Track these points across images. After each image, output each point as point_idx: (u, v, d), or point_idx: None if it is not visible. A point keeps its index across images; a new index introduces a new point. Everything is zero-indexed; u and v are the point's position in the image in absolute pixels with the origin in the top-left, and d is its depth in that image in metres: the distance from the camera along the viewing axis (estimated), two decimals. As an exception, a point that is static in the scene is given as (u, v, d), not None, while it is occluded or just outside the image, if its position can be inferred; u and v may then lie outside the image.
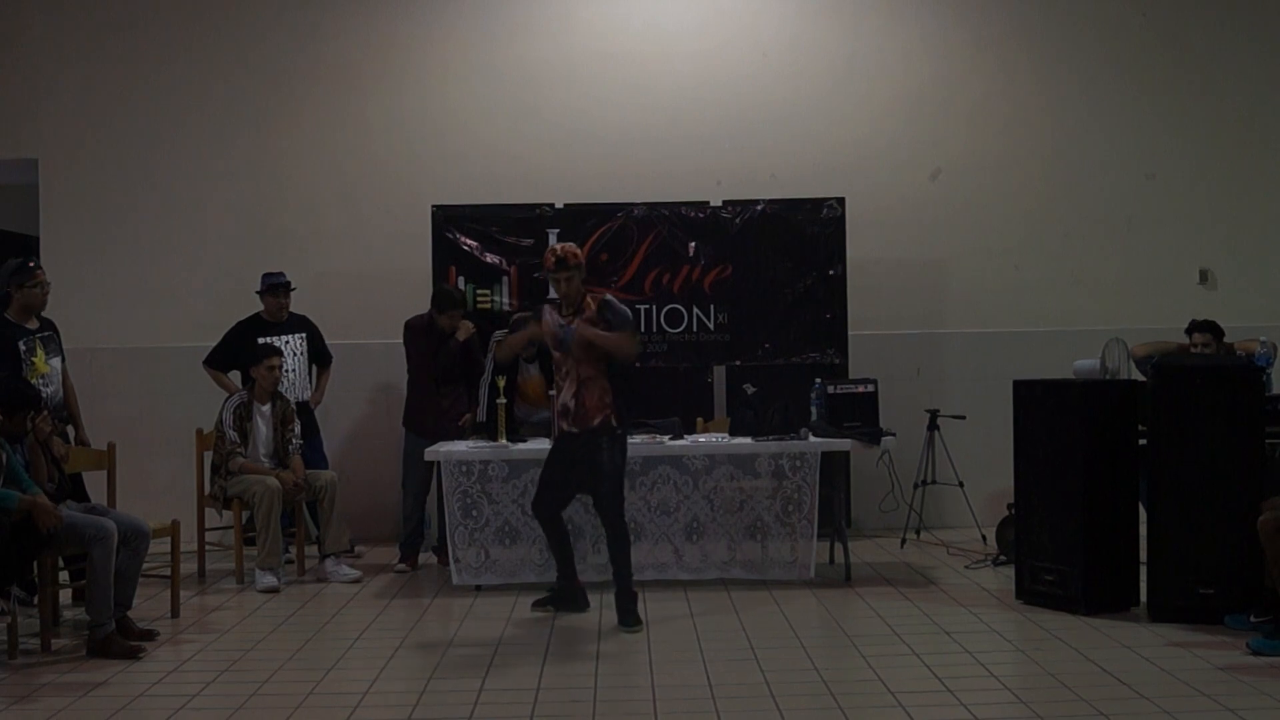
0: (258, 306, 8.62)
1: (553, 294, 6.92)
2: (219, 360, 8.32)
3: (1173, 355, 7.38)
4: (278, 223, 9.41)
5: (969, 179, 9.52)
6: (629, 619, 6.38)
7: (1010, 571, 7.06)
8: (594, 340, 6.36)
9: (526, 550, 7.29)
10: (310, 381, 8.54)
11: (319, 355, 8.61)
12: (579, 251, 6.51)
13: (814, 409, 7.68)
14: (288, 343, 8.41)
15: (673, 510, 7.28)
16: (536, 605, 6.70)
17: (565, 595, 6.72)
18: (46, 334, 7.25)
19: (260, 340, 8.20)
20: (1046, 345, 8.96)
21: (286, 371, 8.32)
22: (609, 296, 6.65)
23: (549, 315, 6.60)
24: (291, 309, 8.51)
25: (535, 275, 8.76)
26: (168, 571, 6.85)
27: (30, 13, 9.48)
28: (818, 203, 8.87)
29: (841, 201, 8.86)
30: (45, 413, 6.46)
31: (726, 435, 7.55)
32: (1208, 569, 6.14)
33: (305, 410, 8.45)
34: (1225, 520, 6.09)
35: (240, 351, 8.20)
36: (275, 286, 8.41)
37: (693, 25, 9.55)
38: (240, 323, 8.41)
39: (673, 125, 9.39)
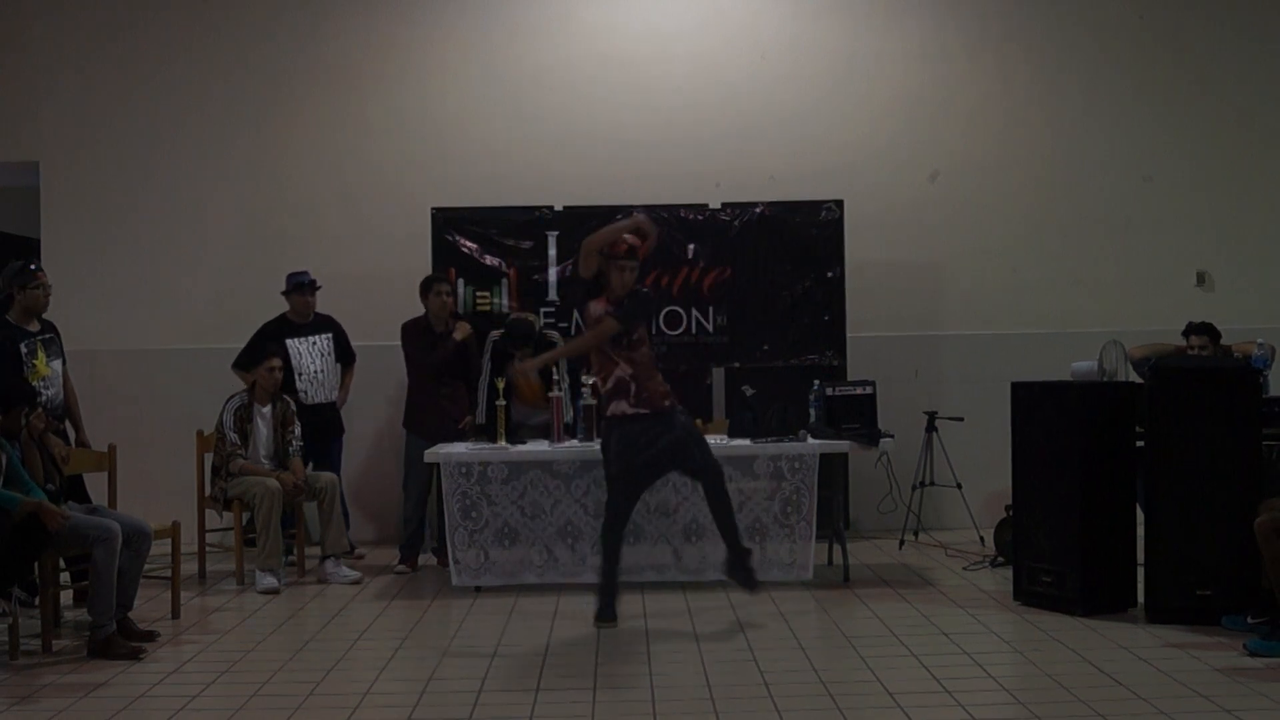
0: (255, 306, 8.65)
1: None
2: (247, 362, 8.25)
3: (1170, 357, 7.40)
4: (277, 224, 9.43)
5: (967, 181, 9.54)
6: (754, 581, 6.58)
7: (1008, 573, 7.08)
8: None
9: (526, 551, 7.31)
10: (337, 381, 8.58)
11: (343, 354, 8.65)
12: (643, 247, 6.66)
13: (812, 410, 7.70)
14: (315, 343, 8.45)
15: (672, 511, 7.29)
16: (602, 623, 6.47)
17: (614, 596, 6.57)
18: (48, 336, 7.27)
19: (288, 341, 8.25)
20: (1044, 347, 8.97)
21: (315, 372, 8.37)
22: (643, 290, 6.73)
23: (591, 305, 6.63)
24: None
25: (534, 277, 8.80)
26: (168, 573, 6.87)
27: (30, 15, 9.50)
28: (816, 205, 8.89)
29: (840, 204, 8.88)
30: (40, 409, 6.49)
31: (725, 437, 7.56)
32: (1205, 570, 6.15)
33: (332, 410, 8.53)
34: (1222, 522, 6.11)
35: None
36: (302, 285, 8.44)
37: (691, 27, 9.57)
38: (267, 324, 8.43)
39: (672, 127, 9.41)
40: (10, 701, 5.30)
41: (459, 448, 7.47)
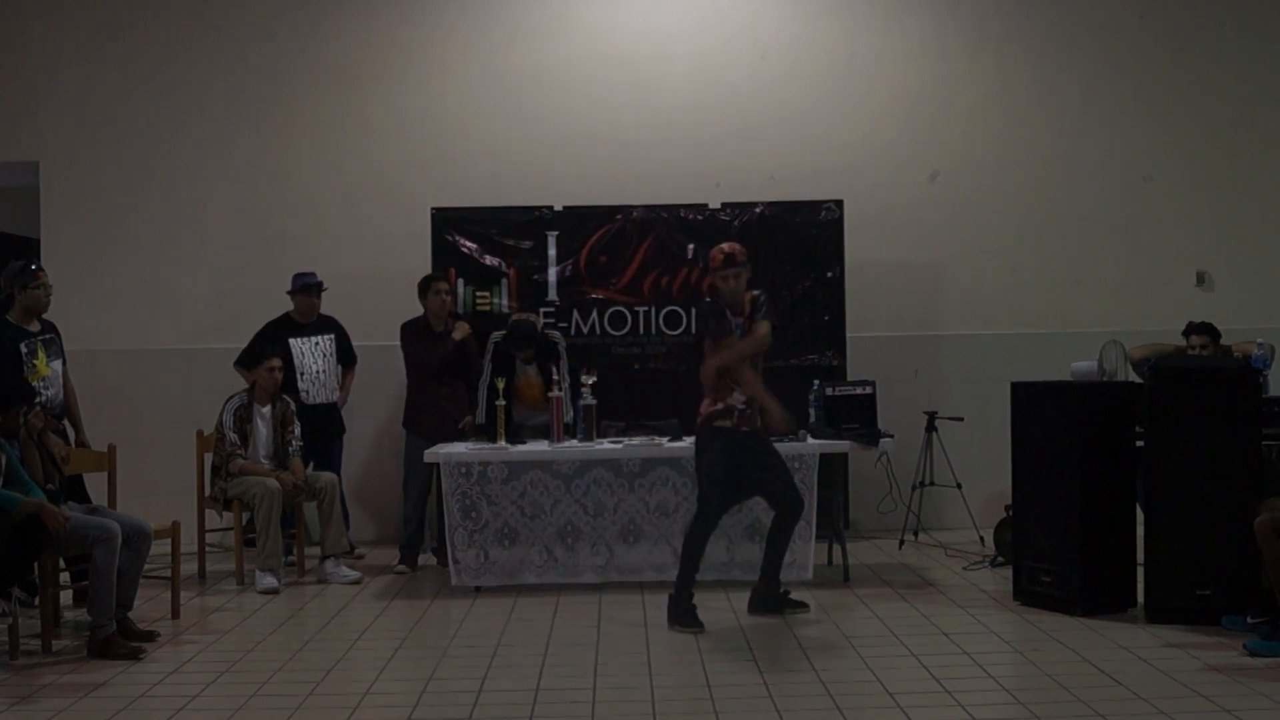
0: (255, 306, 8.66)
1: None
2: (250, 361, 8.20)
3: (1170, 357, 7.39)
4: (277, 224, 9.43)
5: (967, 181, 9.54)
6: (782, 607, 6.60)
7: (1008, 573, 7.08)
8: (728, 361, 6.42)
9: (525, 551, 7.32)
10: (338, 382, 8.57)
11: (345, 355, 8.64)
12: (744, 250, 6.57)
13: (812, 410, 7.70)
14: (317, 343, 8.45)
15: (671, 512, 7.29)
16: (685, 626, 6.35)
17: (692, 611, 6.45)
18: (48, 336, 7.27)
19: (290, 340, 8.26)
20: (1044, 347, 8.98)
21: (317, 373, 8.37)
22: (760, 293, 6.59)
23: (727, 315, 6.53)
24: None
25: (534, 277, 8.80)
26: (168, 573, 6.87)
27: (30, 15, 9.50)
28: (816, 205, 8.89)
29: (840, 203, 8.88)
30: (38, 409, 6.49)
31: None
32: (1205, 570, 6.16)
33: (333, 411, 8.52)
34: (1222, 521, 6.11)
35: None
36: (308, 287, 8.44)
37: (692, 27, 9.57)
38: (270, 323, 8.43)
39: (671, 127, 9.41)
40: (10, 701, 5.30)
41: (459, 448, 7.48)
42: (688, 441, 7.38)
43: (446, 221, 8.84)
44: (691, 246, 8.80)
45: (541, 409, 7.80)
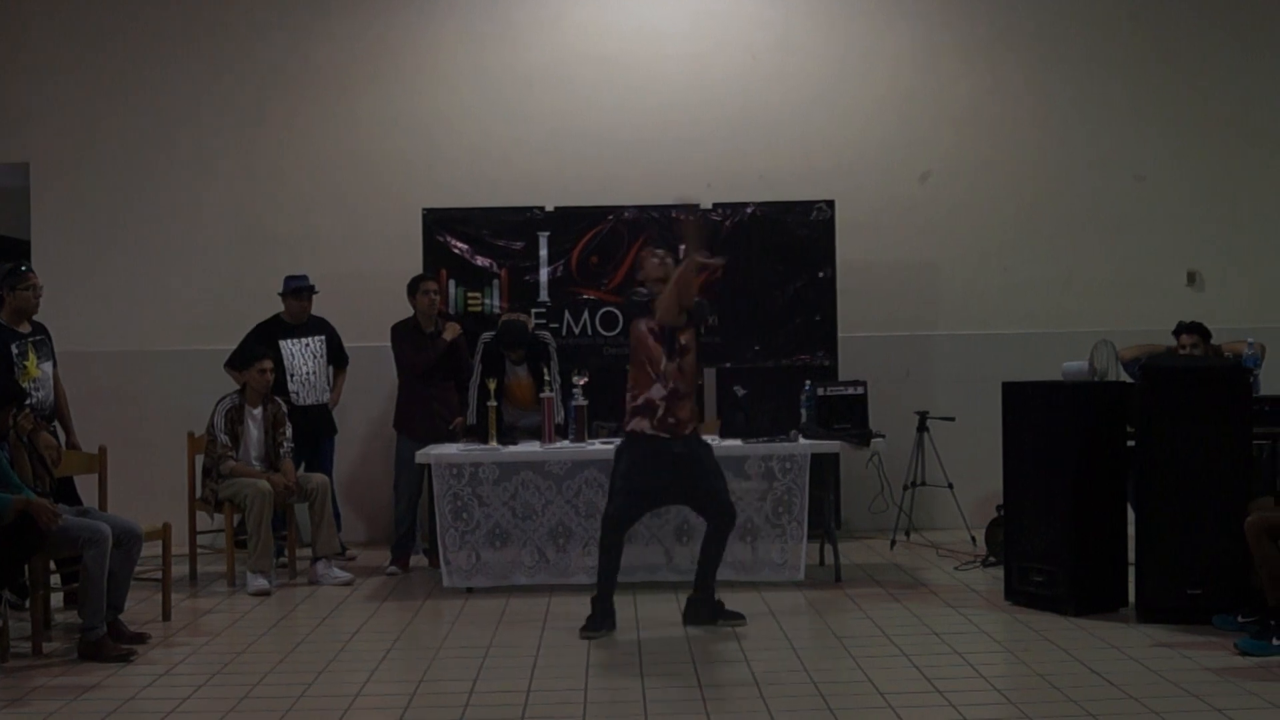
0: (247, 307, 8.64)
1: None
2: (240, 362, 8.14)
3: (1161, 357, 7.41)
4: (269, 226, 9.41)
5: (958, 181, 9.55)
6: (714, 619, 6.41)
7: (999, 573, 7.09)
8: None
9: (517, 552, 7.31)
10: (329, 383, 8.56)
11: (336, 356, 8.64)
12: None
13: (804, 411, 7.70)
14: (308, 345, 8.45)
15: (663, 512, 7.27)
16: (589, 634, 6.24)
17: (608, 613, 6.34)
18: (38, 338, 7.25)
19: (281, 342, 8.24)
20: (1035, 347, 9.00)
21: (307, 374, 8.37)
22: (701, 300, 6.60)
23: (640, 321, 6.38)
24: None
25: (526, 278, 8.79)
26: (159, 574, 6.86)
27: (23, 17, 9.47)
28: (808, 205, 8.90)
29: (831, 204, 8.89)
30: (27, 410, 6.48)
31: (717, 437, 7.54)
32: (1196, 570, 6.16)
33: (324, 411, 8.52)
34: (1213, 521, 6.12)
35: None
36: (299, 290, 8.43)
37: (683, 28, 9.57)
38: (260, 324, 8.42)
39: (663, 128, 9.41)
40: (1, 704, 5.28)
41: (450, 449, 7.47)
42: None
43: (438, 222, 8.84)
44: (683, 247, 8.77)
45: (533, 410, 7.80)
